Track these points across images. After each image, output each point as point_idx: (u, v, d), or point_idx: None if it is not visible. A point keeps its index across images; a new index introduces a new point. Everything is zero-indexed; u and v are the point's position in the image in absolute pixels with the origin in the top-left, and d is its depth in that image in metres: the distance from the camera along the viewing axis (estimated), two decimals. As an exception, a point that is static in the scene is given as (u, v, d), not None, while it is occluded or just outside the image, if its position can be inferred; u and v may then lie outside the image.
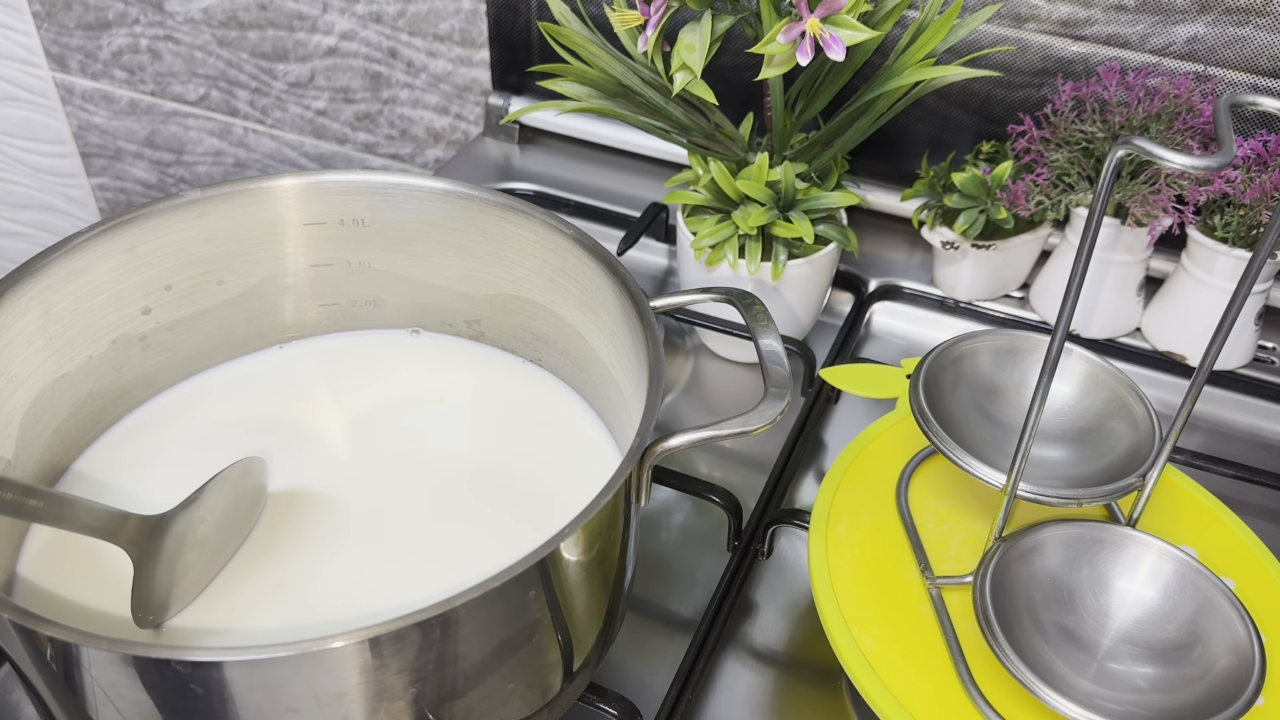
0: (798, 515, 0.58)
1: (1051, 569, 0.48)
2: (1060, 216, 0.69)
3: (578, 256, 0.53)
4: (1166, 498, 0.54)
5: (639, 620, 0.56)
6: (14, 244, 1.39)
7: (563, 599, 0.42)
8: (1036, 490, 0.47)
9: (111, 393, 0.54)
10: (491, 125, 0.94)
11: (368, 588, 0.48)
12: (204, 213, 0.54)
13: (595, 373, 0.55)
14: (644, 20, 0.59)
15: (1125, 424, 0.51)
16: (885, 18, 0.60)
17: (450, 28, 0.95)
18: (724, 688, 0.53)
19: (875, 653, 0.47)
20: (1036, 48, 0.73)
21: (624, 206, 0.85)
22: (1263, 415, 0.69)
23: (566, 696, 0.46)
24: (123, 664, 0.36)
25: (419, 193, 0.56)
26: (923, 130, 0.79)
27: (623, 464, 0.42)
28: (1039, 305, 0.74)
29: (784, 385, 0.45)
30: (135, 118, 1.17)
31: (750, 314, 0.49)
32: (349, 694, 0.38)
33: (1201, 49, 0.69)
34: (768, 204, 0.65)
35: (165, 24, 1.07)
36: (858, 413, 0.69)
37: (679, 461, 0.65)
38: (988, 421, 0.52)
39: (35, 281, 0.48)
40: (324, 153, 1.10)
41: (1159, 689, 0.44)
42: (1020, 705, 0.45)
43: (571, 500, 0.44)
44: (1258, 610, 0.48)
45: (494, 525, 0.51)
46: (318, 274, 0.58)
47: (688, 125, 0.66)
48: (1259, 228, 0.65)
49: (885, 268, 0.79)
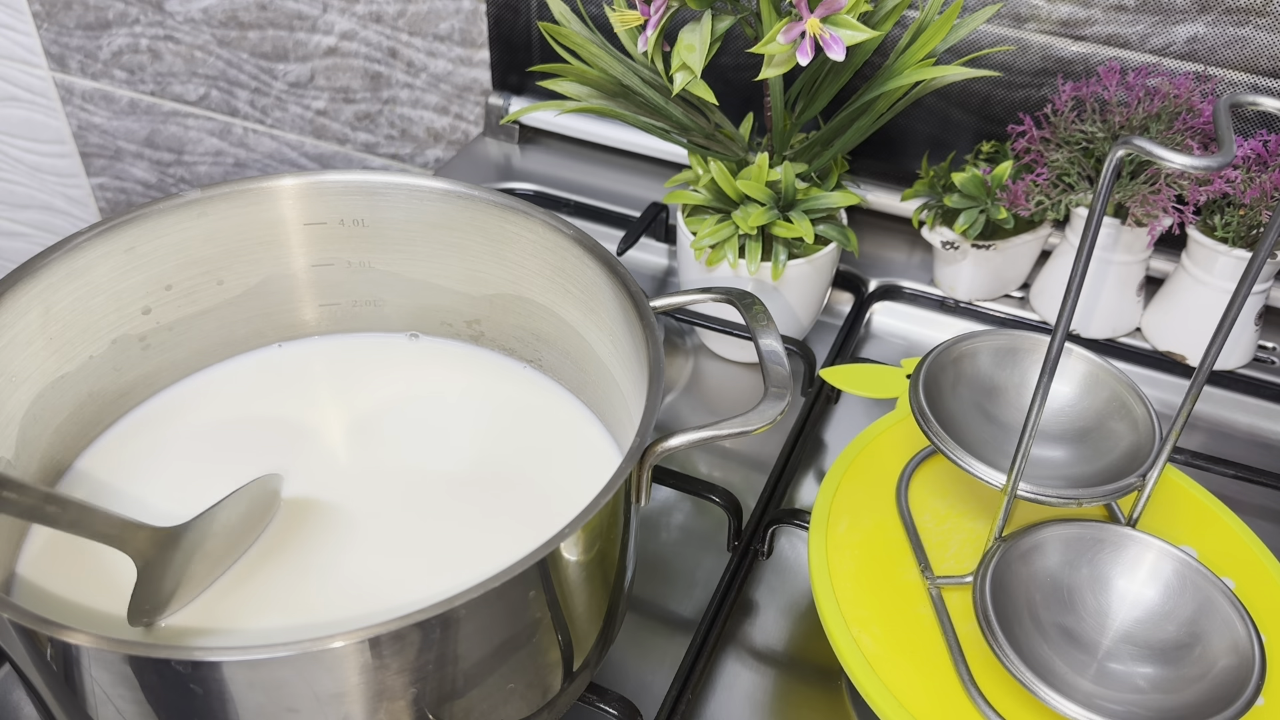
0: (798, 515, 0.58)
1: (1051, 569, 0.48)
2: (1060, 216, 0.69)
3: (578, 256, 0.53)
4: (1166, 498, 0.54)
5: (639, 620, 0.56)
6: (14, 244, 1.39)
7: (563, 599, 0.42)
8: (1036, 490, 0.47)
9: (111, 393, 0.54)
10: (491, 125, 0.94)
11: (367, 588, 0.48)
12: (204, 213, 0.54)
13: (595, 373, 0.55)
14: (644, 20, 0.59)
15: (1125, 424, 0.51)
16: (885, 18, 0.60)
17: (450, 28, 0.95)
18: (724, 688, 0.53)
19: (875, 653, 0.47)
20: (1036, 48, 0.73)
21: (624, 206, 0.85)
22: (1263, 415, 0.69)
23: (566, 696, 0.46)
24: (123, 664, 0.36)
25: (419, 193, 0.56)
26: (923, 130, 0.79)
27: (623, 464, 0.42)
28: (1039, 305, 0.74)
29: (784, 385, 0.45)
30: (135, 118, 1.17)
31: (750, 314, 0.49)
32: (349, 694, 0.38)
33: (1201, 49, 0.69)
34: (768, 204, 0.65)
35: (165, 24, 1.07)
36: (858, 413, 0.69)
37: (679, 461, 0.65)
38: (988, 421, 0.52)
39: (35, 281, 0.48)
40: (324, 153, 1.10)
41: (1159, 689, 0.44)
42: (1020, 705, 0.45)
43: (571, 500, 0.43)
44: (1258, 610, 0.48)
45: (494, 525, 0.51)
46: (318, 274, 0.58)
47: (688, 125, 0.66)
48: (1259, 228, 0.65)
49: (885, 268, 0.79)
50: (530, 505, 0.52)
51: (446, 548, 0.50)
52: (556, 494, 0.52)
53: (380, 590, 0.48)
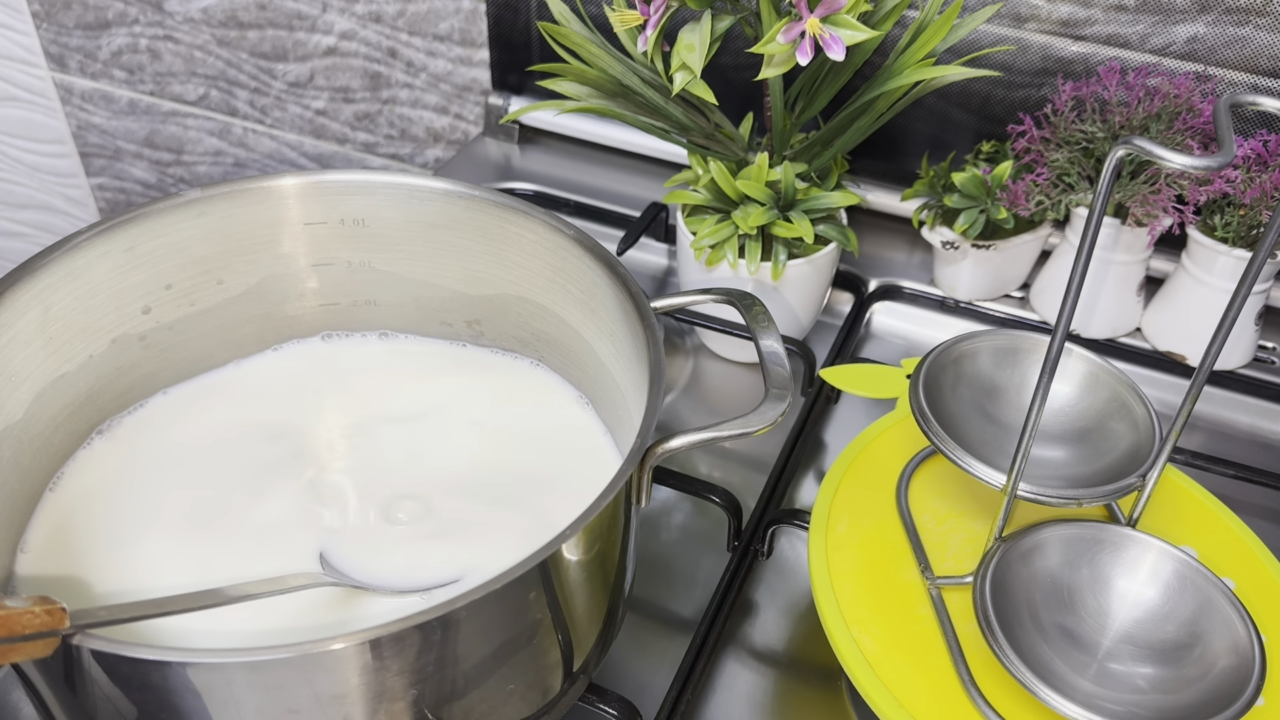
0: (798, 515, 0.57)
1: (1051, 569, 0.48)
2: (1060, 216, 0.69)
3: (578, 256, 0.53)
4: (1166, 498, 0.54)
5: (639, 620, 0.56)
6: (14, 244, 1.39)
7: (563, 600, 0.42)
8: (1036, 490, 0.47)
9: (111, 393, 0.54)
10: (491, 125, 0.94)
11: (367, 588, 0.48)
12: (204, 212, 0.54)
13: (595, 373, 0.55)
14: (644, 20, 0.59)
15: (1125, 424, 0.51)
16: (885, 18, 0.60)
17: (450, 27, 0.95)
18: (724, 688, 0.53)
19: (875, 653, 0.47)
20: (1036, 48, 0.73)
21: (624, 206, 0.85)
22: (1263, 415, 0.69)
23: (567, 697, 0.46)
24: (123, 665, 0.36)
25: (419, 193, 0.56)
26: (923, 130, 0.79)
27: (623, 465, 0.42)
28: (1039, 305, 0.74)
29: (785, 386, 0.45)
30: (135, 118, 1.17)
31: (750, 314, 0.49)
32: (349, 695, 0.38)
33: (1201, 49, 0.69)
34: (768, 204, 0.65)
35: (165, 24, 1.07)
36: (858, 413, 0.69)
37: (679, 462, 0.65)
38: (988, 421, 0.52)
39: (35, 281, 0.48)
40: (324, 153, 1.10)
41: (1159, 689, 0.44)
42: (1020, 705, 0.45)
43: (572, 501, 0.43)
44: (1258, 610, 0.48)
45: (494, 526, 0.51)
46: (318, 274, 0.58)
47: (688, 125, 0.66)
48: (1259, 228, 0.65)
49: (885, 268, 0.79)
50: (530, 506, 0.52)
51: (446, 548, 0.50)
52: (556, 495, 0.52)
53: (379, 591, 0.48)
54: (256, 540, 0.50)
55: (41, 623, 0.35)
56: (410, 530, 0.51)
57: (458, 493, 0.52)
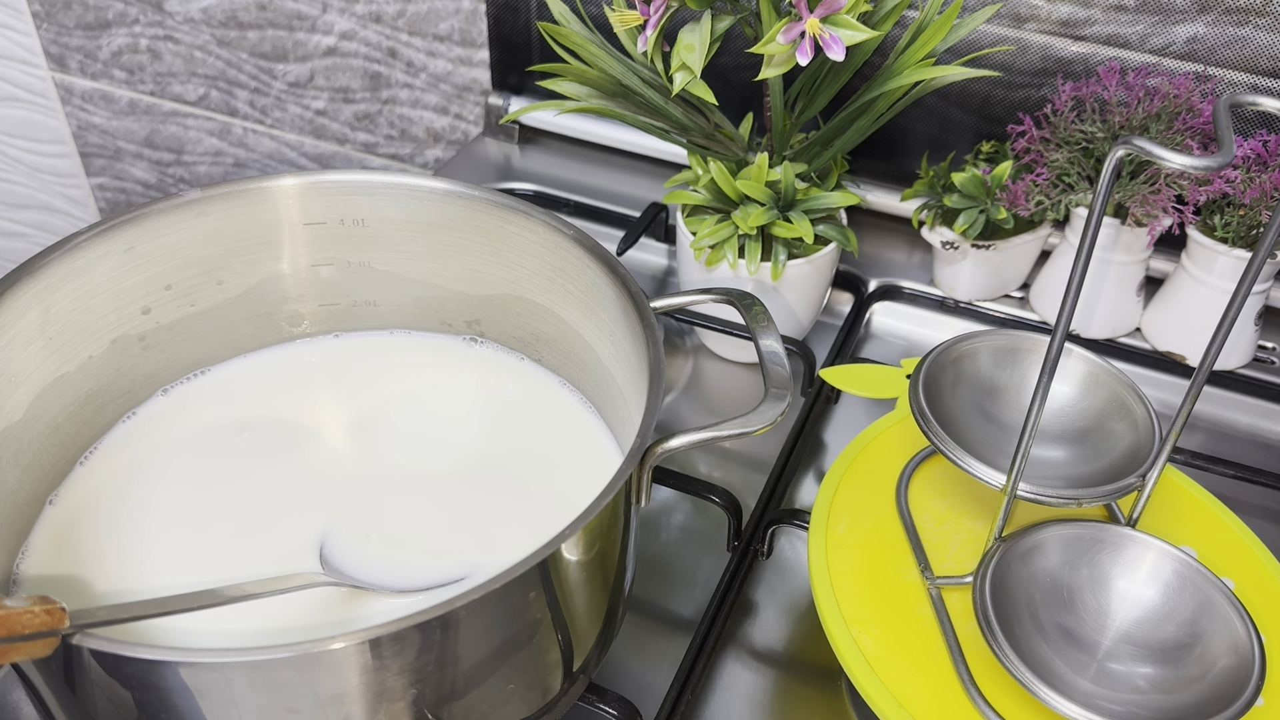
0: (798, 515, 0.58)
1: (1051, 569, 0.48)
2: (1060, 216, 0.69)
3: (578, 256, 0.53)
4: (1166, 498, 0.54)
5: (639, 620, 0.56)
6: (14, 244, 1.39)
7: (563, 600, 0.42)
8: (1036, 490, 0.47)
9: (111, 393, 0.54)
10: (491, 125, 0.94)
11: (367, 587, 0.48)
12: (204, 213, 0.54)
13: (595, 373, 0.55)
14: (644, 20, 0.59)
15: (1125, 424, 0.51)
16: (885, 18, 0.60)
17: (450, 28, 0.95)
18: (724, 688, 0.53)
19: (875, 653, 0.47)
20: (1036, 48, 0.73)
21: (624, 206, 0.85)
22: (1263, 415, 0.69)
23: (567, 697, 0.46)
24: (123, 664, 0.36)
25: (419, 193, 0.56)
26: (923, 130, 0.79)
27: (623, 465, 0.42)
28: (1039, 305, 0.74)
29: (784, 386, 0.45)
30: (135, 118, 1.17)
31: (750, 314, 0.49)
32: (349, 695, 0.38)
33: (1201, 49, 0.69)
34: (767, 204, 0.65)
35: (165, 24, 1.07)
36: (858, 413, 0.69)
37: (679, 461, 0.65)
38: (988, 421, 0.52)
39: (35, 281, 0.48)
40: (324, 153, 1.10)
41: (1159, 689, 0.44)
42: (1020, 705, 0.45)
43: (572, 501, 0.44)
44: (1258, 610, 0.48)
45: (494, 526, 0.51)
46: (318, 274, 0.58)
47: (688, 125, 0.66)
48: (1259, 228, 0.65)
49: (885, 268, 0.79)
50: (530, 506, 0.52)
51: (446, 548, 0.50)
52: (557, 495, 0.52)
53: (380, 590, 0.48)
54: (256, 540, 0.50)
55: (41, 622, 0.35)
56: (410, 530, 0.51)
57: (457, 493, 0.52)
